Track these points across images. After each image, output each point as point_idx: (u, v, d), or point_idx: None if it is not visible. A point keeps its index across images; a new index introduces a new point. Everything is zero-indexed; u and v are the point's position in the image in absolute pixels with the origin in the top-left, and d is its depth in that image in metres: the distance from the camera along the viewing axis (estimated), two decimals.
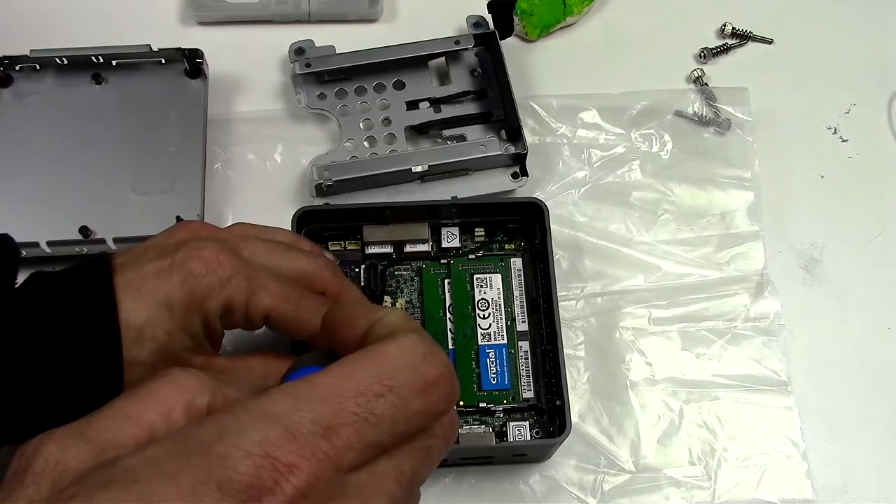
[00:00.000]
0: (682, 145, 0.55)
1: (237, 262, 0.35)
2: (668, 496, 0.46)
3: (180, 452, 0.21)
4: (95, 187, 0.50)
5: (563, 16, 0.58)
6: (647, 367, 0.49)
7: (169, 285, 0.34)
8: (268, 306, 0.36)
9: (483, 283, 0.48)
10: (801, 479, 0.47)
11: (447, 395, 0.25)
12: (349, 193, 0.51)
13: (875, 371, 0.50)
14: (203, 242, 0.35)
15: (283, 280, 0.37)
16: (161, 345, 0.34)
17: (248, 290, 0.35)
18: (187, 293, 0.34)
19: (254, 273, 0.36)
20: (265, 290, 0.36)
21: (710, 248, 0.53)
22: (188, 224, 0.38)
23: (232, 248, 0.36)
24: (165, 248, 0.35)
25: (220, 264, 0.35)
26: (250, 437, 0.21)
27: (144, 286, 0.34)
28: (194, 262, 0.34)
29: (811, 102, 0.58)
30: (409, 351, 0.25)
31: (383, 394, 0.24)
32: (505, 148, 0.51)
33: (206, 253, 0.35)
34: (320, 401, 0.23)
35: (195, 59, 0.52)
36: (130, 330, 0.33)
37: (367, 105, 0.54)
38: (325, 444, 0.22)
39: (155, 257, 0.35)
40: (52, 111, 0.52)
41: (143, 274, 0.34)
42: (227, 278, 0.35)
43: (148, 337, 0.34)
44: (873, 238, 0.54)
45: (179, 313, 0.34)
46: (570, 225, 0.53)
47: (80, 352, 0.33)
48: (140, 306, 0.33)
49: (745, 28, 0.59)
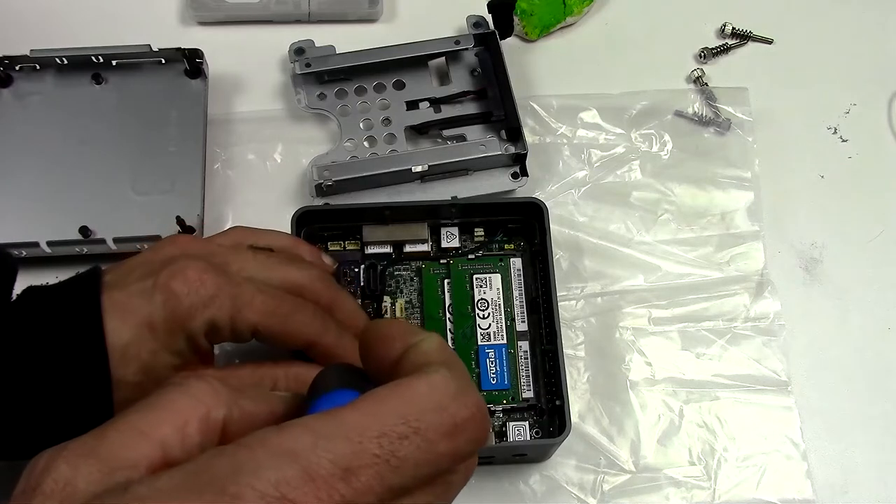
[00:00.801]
0: (682, 145, 0.55)
1: (221, 279, 0.35)
2: (668, 496, 0.46)
3: (193, 488, 0.21)
4: (95, 187, 0.50)
5: (563, 16, 0.58)
6: (647, 367, 0.49)
7: (152, 306, 0.34)
8: (253, 322, 0.36)
9: (483, 283, 0.48)
10: (801, 479, 0.47)
11: (476, 436, 0.24)
12: (349, 193, 0.51)
13: (875, 371, 0.50)
14: (188, 261, 0.35)
15: (271, 294, 0.37)
16: (145, 363, 0.34)
17: (232, 308, 0.35)
18: (169, 313, 0.34)
19: (238, 290, 0.36)
20: (250, 306, 0.36)
21: (710, 248, 0.53)
22: (177, 239, 0.38)
23: (219, 264, 0.36)
24: (151, 266, 0.36)
25: (202, 284, 0.35)
26: (266, 476, 0.21)
27: (129, 306, 0.34)
28: (177, 283, 0.34)
29: (811, 102, 0.58)
30: (440, 389, 0.23)
31: (408, 436, 0.22)
32: (505, 148, 0.51)
33: (189, 272, 0.35)
34: (342, 440, 0.22)
35: (195, 59, 0.52)
36: (115, 350, 0.34)
37: (367, 105, 0.54)
38: (343, 486, 0.21)
39: (140, 276, 0.35)
40: (52, 111, 0.52)
41: (128, 293, 0.34)
42: (209, 297, 0.35)
43: (132, 356, 0.34)
44: (873, 238, 0.54)
45: (162, 333, 0.34)
46: (570, 225, 0.53)
47: (69, 373, 0.33)
48: (124, 326, 0.34)
49: (745, 28, 0.59)
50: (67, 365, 0.33)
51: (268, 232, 0.42)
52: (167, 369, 0.35)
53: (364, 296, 0.48)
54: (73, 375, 0.33)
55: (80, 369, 0.33)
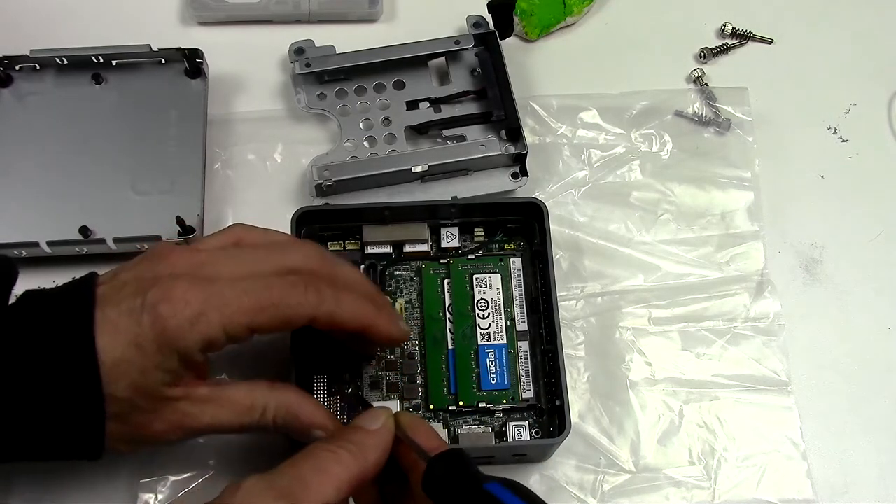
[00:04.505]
0: (682, 145, 0.55)
1: (206, 294, 0.35)
2: (668, 496, 0.46)
3: None
4: (95, 187, 0.50)
5: (563, 16, 0.58)
6: (647, 367, 0.49)
7: (140, 327, 0.34)
8: (245, 324, 0.36)
9: (482, 283, 0.48)
10: (801, 479, 0.47)
11: None
12: (349, 193, 0.51)
13: (875, 371, 0.50)
14: (173, 282, 0.35)
15: (259, 287, 0.37)
16: (135, 381, 0.35)
17: (221, 318, 0.35)
18: (157, 335, 0.34)
19: (225, 299, 0.36)
20: (239, 310, 0.36)
21: (710, 248, 0.53)
22: (168, 255, 0.37)
23: (207, 276, 0.36)
24: (141, 283, 0.36)
25: (187, 304, 0.35)
26: None
27: (119, 324, 0.34)
28: (163, 305, 0.35)
29: (811, 102, 0.58)
30: None
31: None
32: (505, 148, 0.51)
33: (175, 293, 0.35)
34: None
35: (195, 59, 0.52)
36: (106, 367, 0.34)
37: (367, 105, 0.54)
38: None
39: (131, 293, 0.35)
40: (52, 111, 0.52)
41: (118, 311, 0.35)
42: (196, 316, 0.35)
43: (122, 374, 0.34)
44: (873, 238, 0.54)
45: (151, 353, 0.35)
46: (569, 225, 0.53)
47: (62, 389, 0.34)
48: (115, 345, 0.34)
49: (745, 28, 0.59)
50: (61, 381, 0.34)
51: (266, 230, 0.42)
52: (158, 385, 0.36)
53: None
54: (65, 391, 0.34)
55: (72, 386, 0.34)
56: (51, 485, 0.45)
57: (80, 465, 0.45)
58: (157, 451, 0.45)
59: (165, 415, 0.36)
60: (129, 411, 0.35)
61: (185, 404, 0.37)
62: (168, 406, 0.36)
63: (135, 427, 0.36)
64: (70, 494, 0.45)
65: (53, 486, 0.45)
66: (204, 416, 0.37)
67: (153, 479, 0.45)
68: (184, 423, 0.37)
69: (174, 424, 0.37)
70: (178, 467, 0.45)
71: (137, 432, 0.36)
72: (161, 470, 0.45)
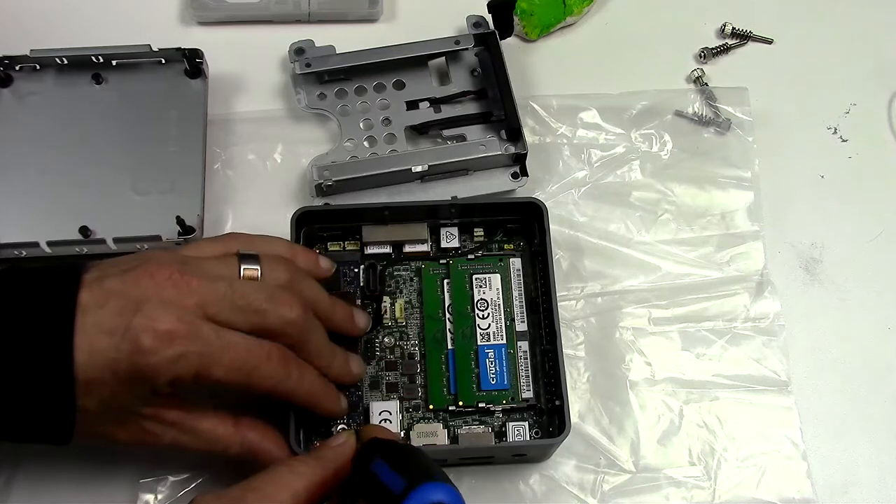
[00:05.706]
0: (682, 145, 0.55)
1: (191, 336, 0.35)
2: (668, 496, 0.46)
3: None
4: (95, 187, 0.50)
5: (563, 16, 0.58)
6: (647, 367, 0.49)
7: (118, 353, 0.34)
8: (216, 378, 0.36)
9: (482, 283, 0.48)
10: (801, 479, 0.47)
11: None
12: (349, 193, 0.51)
13: (875, 371, 0.50)
14: (159, 312, 0.35)
15: (241, 349, 0.37)
16: (106, 399, 0.35)
17: (199, 366, 0.35)
18: (133, 366, 0.34)
19: (207, 349, 0.36)
20: (218, 365, 0.36)
21: (710, 248, 0.53)
22: (157, 272, 0.36)
23: (193, 308, 0.36)
24: (125, 300, 0.35)
25: (171, 342, 0.35)
26: None
27: (98, 343, 0.34)
28: (146, 337, 0.34)
29: (811, 102, 0.58)
30: None
31: None
32: (505, 148, 0.51)
33: (160, 326, 0.35)
34: None
35: (195, 59, 0.52)
36: (80, 383, 0.34)
37: (367, 105, 0.54)
38: None
39: (114, 311, 0.35)
40: (52, 111, 0.52)
41: (98, 330, 0.34)
42: (176, 357, 0.35)
43: (95, 391, 0.35)
44: (873, 238, 0.54)
45: (124, 379, 0.35)
46: (569, 225, 0.53)
47: (36, 396, 0.34)
48: (91, 362, 0.34)
49: (745, 28, 0.59)
50: (34, 388, 0.34)
51: (262, 238, 0.42)
52: (130, 405, 0.36)
53: (364, 296, 0.48)
54: (39, 399, 0.34)
55: (45, 391, 0.34)
56: (51, 485, 0.45)
57: (81, 466, 0.45)
58: (157, 452, 0.45)
59: (130, 427, 0.37)
60: (95, 420, 0.36)
61: (151, 423, 0.37)
62: (135, 422, 0.37)
63: (100, 430, 0.37)
64: (70, 494, 0.45)
65: (53, 486, 0.45)
66: (166, 437, 0.38)
67: (153, 479, 0.45)
68: (146, 439, 0.38)
69: (137, 437, 0.38)
70: (178, 467, 0.45)
71: (101, 435, 0.37)
72: (161, 470, 0.45)
